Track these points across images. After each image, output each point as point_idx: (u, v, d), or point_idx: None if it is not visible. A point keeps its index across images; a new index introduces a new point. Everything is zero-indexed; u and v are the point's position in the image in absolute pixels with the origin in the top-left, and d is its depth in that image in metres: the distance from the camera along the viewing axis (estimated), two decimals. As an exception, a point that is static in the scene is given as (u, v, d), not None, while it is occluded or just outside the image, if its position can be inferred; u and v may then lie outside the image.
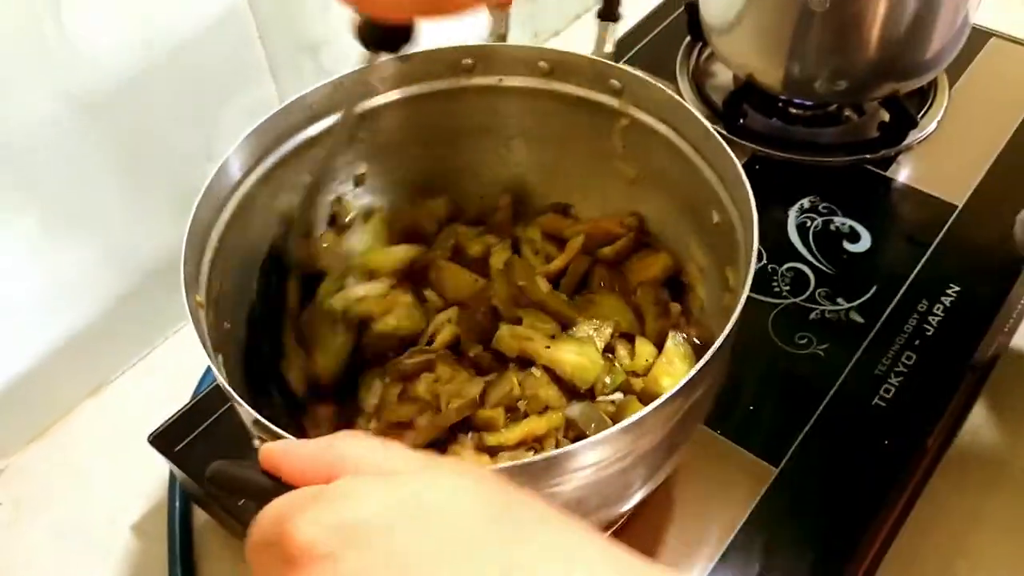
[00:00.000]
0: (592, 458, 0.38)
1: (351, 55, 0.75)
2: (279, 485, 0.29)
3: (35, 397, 0.66)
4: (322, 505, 0.26)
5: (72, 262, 0.64)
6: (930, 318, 0.61)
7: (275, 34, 0.68)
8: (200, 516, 0.62)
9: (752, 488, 0.54)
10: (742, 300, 0.41)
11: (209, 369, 0.68)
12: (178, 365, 0.71)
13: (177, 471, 0.58)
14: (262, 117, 0.53)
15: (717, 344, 0.39)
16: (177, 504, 0.62)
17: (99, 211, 0.63)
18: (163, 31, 0.61)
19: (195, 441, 0.58)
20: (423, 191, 0.63)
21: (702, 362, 0.38)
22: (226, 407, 0.59)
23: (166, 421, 0.59)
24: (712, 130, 0.49)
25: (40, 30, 0.54)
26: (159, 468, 0.64)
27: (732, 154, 0.47)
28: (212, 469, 0.32)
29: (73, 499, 0.64)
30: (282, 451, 0.30)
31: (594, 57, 0.57)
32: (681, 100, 0.52)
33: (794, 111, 0.76)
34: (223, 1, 0.63)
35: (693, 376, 0.38)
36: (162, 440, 0.58)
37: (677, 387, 0.37)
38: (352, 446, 0.29)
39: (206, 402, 0.60)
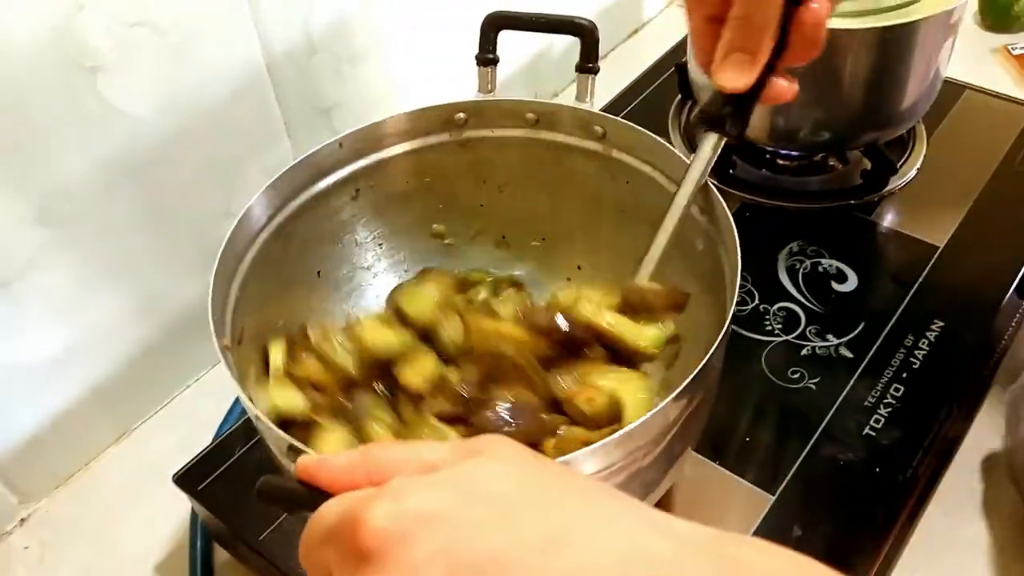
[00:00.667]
0: (587, 469, 0.41)
1: (359, 116, 0.80)
2: (322, 493, 0.32)
3: (60, 445, 0.69)
4: (387, 498, 0.28)
5: (100, 314, 0.67)
6: (916, 352, 0.64)
7: (291, 98, 0.73)
8: (221, 555, 0.64)
9: (749, 515, 0.56)
10: (731, 311, 0.45)
11: (228, 415, 0.72)
12: (197, 413, 0.74)
13: (200, 509, 0.60)
14: (278, 174, 0.57)
15: (711, 351, 0.42)
16: (198, 543, 0.64)
17: (127, 266, 0.67)
18: (190, 98, 0.65)
19: (218, 480, 0.60)
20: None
21: (694, 372, 0.41)
22: (247, 447, 0.62)
23: (190, 461, 0.62)
24: (683, 157, 0.54)
25: (79, 101, 0.58)
26: (181, 511, 0.67)
27: (705, 174, 0.52)
28: (261, 482, 0.34)
29: (97, 542, 0.67)
30: (318, 463, 0.32)
31: (576, 106, 0.62)
32: (656, 137, 0.57)
33: (781, 162, 0.80)
34: (245, 69, 0.68)
35: (687, 384, 0.41)
36: (186, 479, 0.61)
37: (674, 394, 0.40)
38: (388, 452, 0.32)
39: (228, 443, 0.63)
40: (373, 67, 0.79)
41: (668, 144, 0.57)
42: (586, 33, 0.61)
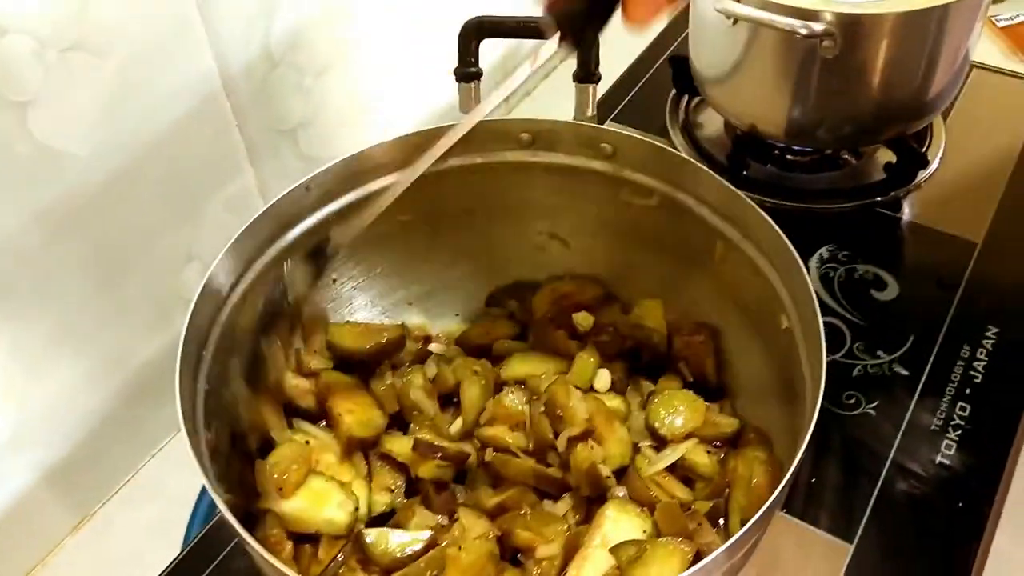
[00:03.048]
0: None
1: (327, 137, 0.71)
2: None
3: (9, 543, 0.59)
4: None
5: (45, 392, 0.57)
6: (975, 364, 0.59)
7: (252, 120, 0.64)
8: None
9: (830, 570, 0.50)
10: (808, 432, 0.39)
11: (202, 494, 0.62)
12: (165, 486, 0.65)
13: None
14: (243, 209, 0.48)
15: (776, 492, 0.36)
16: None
17: (75, 330, 0.57)
18: (136, 129, 0.56)
19: (208, 583, 0.51)
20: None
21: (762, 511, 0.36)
22: (230, 546, 0.53)
23: (174, 560, 0.53)
24: (714, 175, 0.48)
25: (7, 143, 0.48)
26: (159, 608, 0.57)
27: (736, 190, 0.48)
28: None
29: (62, 656, 0.57)
30: None
31: (578, 122, 0.54)
32: (680, 154, 0.52)
33: (791, 158, 0.74)
34: (199, 90, 0.58)
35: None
36: (169, 587, 0.51)
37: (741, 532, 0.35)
38: None
39: (216, 532, 0.54)
40: (339, 80, 0.69)
41: (694, 160, 0.51)
42: (584, 38, 0.53)
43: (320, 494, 0.48)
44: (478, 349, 0.57)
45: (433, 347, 0.58)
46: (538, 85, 0.96)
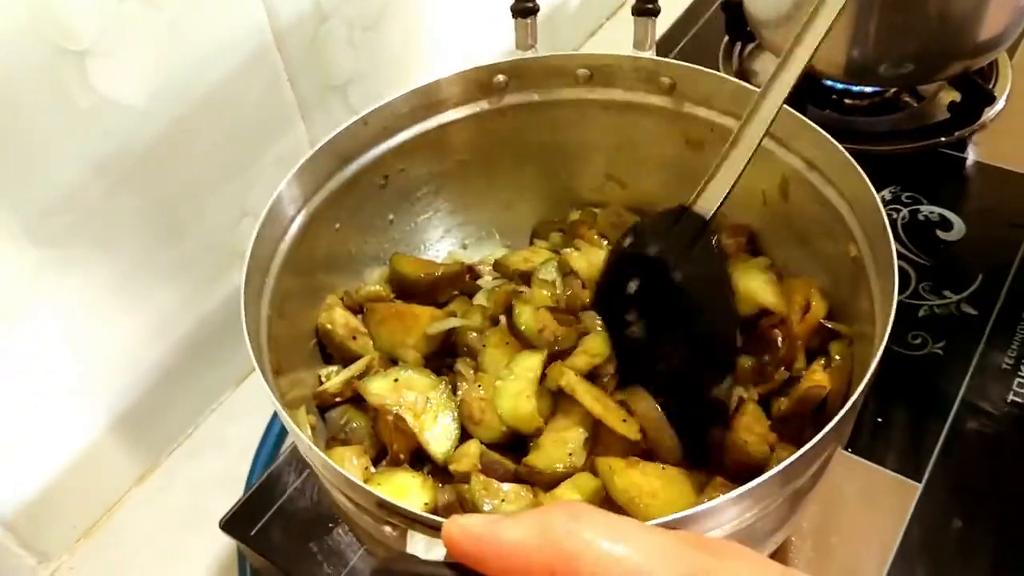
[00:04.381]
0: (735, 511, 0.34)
1: (377, 92, 0.71)
2: None
3: (77, 492, 0.60)
4: None
5: (110, 343, 0.58)
6: (1048, 302, 0.57)
7: (302, 74, 0.64)
8: (278, 604, 0.56)
9: (899, 508, 0.49)
10: (878, 354, 0.37)
11: (262, 442, 0.63)
12: (226, 440, 0.66)
13: (256, 558, 0.52)
14: (294, 164, 0.48)
15: (853, 399, 0.35)
16: (252, 594, 0.56)
17: (136, 282, 0.58)
18: (190, 81, 0.56)
19: (272, 522, 0.52)
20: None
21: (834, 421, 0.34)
22: (300, 479, 0.54)
23: (236, 503, 0.53)
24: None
25: (68, 94, 0.49)
26: (223, 555, 0.58)
27: (805, 119, 0.46)
28: (378, 568, 0.26)
29: (132, 601, 0.58)
30: (481, 537, 0.24)
31: (636, 55, 0.53)
32: (743, 83, 0.50)
33: (849, 102, 0.72)
34: (251, 43, 0.59)
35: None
36: (235, 525, 0.52)
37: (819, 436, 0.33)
38: (579, 537, 0.23)
39: (275, 477, 0.54)
40: (389, 33, 0.69)
41: (746, 85, 0.49)
42: (641, -31, 0.52)
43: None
44: (517, 276, 0.56)
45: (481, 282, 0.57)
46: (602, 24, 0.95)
